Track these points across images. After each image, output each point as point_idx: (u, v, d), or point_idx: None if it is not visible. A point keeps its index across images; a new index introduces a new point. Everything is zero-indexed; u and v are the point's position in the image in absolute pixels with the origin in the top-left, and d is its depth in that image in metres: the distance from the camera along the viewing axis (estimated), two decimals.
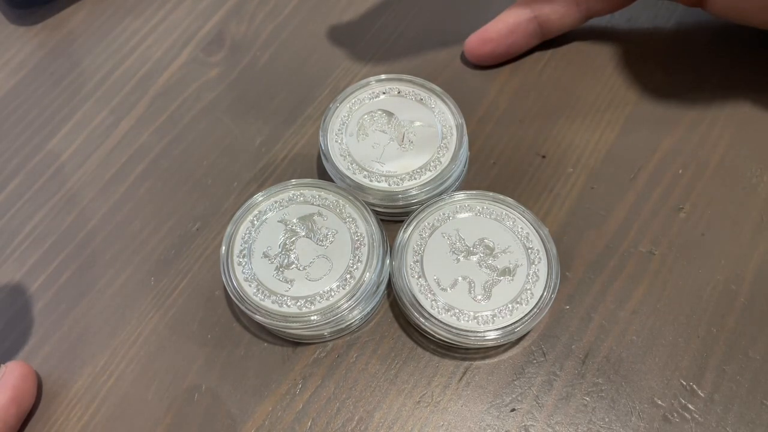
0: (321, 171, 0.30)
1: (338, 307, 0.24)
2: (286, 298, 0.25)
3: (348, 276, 0.25)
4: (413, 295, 0.25)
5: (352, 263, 0.25)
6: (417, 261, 0.26)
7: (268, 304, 0.25)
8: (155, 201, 0.30)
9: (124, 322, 0.27)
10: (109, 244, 0.29)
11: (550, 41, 0.33)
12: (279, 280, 0.25)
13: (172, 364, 0.26)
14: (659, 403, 0.24)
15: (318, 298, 0.25)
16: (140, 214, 0.30)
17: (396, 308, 0.27)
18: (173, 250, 0.29)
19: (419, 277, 0.25)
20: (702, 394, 0.24)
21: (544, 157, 0.30)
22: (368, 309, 0.26)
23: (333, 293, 0.25)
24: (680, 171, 0.29)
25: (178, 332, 0.27)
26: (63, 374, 0.26)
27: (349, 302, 0.24)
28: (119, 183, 0.31)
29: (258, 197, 0.27)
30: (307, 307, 0.24)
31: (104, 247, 0.29)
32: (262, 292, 0.25)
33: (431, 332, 0.25)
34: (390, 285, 0.26)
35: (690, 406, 0.24)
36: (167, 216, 0.30)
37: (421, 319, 0.25)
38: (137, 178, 0.31)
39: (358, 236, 0.26)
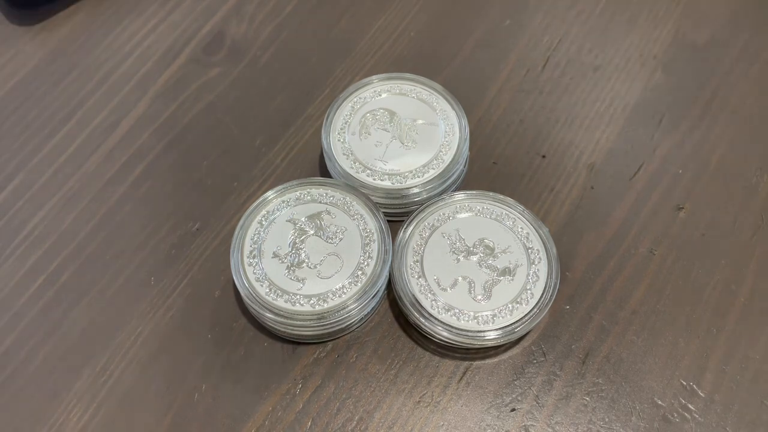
0: (322, 171, 0.30)
1: (350, 304, 0.24)
2: (298, 296, 0.25)
3: (359, 272, 0.25)
4: (413, 295, 0.25)
5: (363, 259, 0.25)
6: (417, 261, 0.26)
7: (281, 303, 0.25)
8: (155, 201, 0.30)
9: (124, 322, 0.27)
10: (109, 244, 0.29)
11: (550, 41, 0.33)
12: (290, 279, 0.25)
13: (171, 364, 0.26)
14: (659, 403, 0.24)
15: (330, 295, 0.25)
16: (140, 214, 0.30)
17: (396, 308, 0.27)
18: (173, 250, 0.29)
19: (419, 277, 0.25)
20: (702, 394, 0.24)
21: (544, 157, 0.30)
22: (368, 309, 0.26)
23: (345, 290, 0.25)
24: (680, 171, 0.29)
25: (178, 332, 0.27)
26: (63, 374, 0.26)
27: (362, 299, 0.25)
28: (119, 183, 0.31)
29: (270, 194, 0.27)
30: (320, 305, 0.25)
31: (104, 247, 0.29)
32: (275, 291, 0.25)
33: (431, 332, 0.25)
34: (390, 285, 0.26)
35: (690, 406, 0.24)
36: (167, 216, 0.30)
37: (421, 319, 0.25)
38: (137, 178, 0.31)
39: (367, 232, 0.26)
